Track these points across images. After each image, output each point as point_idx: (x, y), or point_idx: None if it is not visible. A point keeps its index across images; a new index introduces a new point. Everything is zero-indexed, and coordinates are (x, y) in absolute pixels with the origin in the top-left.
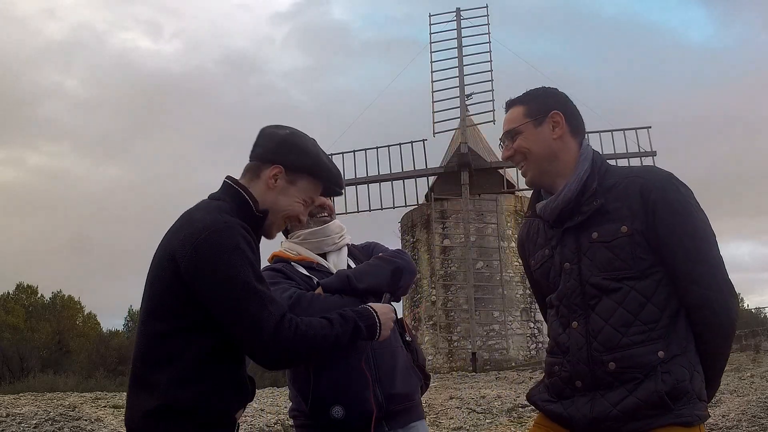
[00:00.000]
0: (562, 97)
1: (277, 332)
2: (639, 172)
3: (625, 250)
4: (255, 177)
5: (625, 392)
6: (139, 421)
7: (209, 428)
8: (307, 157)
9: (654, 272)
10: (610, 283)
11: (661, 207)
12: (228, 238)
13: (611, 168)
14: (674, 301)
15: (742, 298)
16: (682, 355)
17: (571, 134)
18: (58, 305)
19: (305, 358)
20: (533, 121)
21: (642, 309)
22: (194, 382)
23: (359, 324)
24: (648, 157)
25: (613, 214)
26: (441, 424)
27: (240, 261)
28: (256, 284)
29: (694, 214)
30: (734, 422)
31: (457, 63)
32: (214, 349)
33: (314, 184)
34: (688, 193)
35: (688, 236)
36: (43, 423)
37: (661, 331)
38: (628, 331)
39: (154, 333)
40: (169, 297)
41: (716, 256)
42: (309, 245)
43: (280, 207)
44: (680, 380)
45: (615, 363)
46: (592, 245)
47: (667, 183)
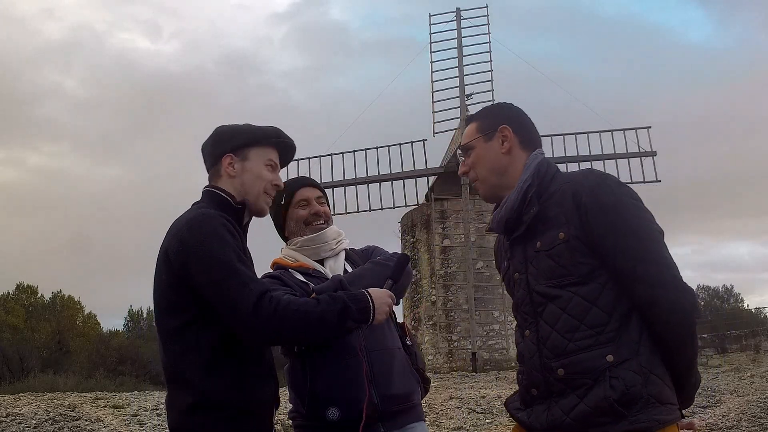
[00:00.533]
0: (514, 112)
1: (258, 308)
2: (574, 176)
3: (564, 256)
4: (217, 177)
5: (576, 399)
6: (179, 417)
7: (244, 418)
8: (241, 133)
9: (598, 276)
10: (553, 290)
11: (593, 209)
12: (207, 226)
13: (559, 175)
14: (623, 303)
15: (741, 299)
16: (633, 359)
17: (521, 147)
18: (58, 305)
19: (290, 334)
20: (484, 136)
21: (587, 313)
22: (217, 370)
23: (349, 304)
24: (648, 157)
25: (552, 221)
26: (441, 424)
27: (219, 244)
28: (237, 264)
29: (631, 212)
30: (734, 422)
31: (457, 63)
32: (226, 336)
33: (262, 148)
34: (623, 191)
35: (624, 235)
36: (43, 423)
37: (610, 335)
38: (574, 337)
39: (170, 329)
40: (172, 293)
41: (659, 252)
42: (306, 252)
43: (251, 185)
44: (631, 385)
45: (563, 369)
46: (537, 254)
47: (598, 185)
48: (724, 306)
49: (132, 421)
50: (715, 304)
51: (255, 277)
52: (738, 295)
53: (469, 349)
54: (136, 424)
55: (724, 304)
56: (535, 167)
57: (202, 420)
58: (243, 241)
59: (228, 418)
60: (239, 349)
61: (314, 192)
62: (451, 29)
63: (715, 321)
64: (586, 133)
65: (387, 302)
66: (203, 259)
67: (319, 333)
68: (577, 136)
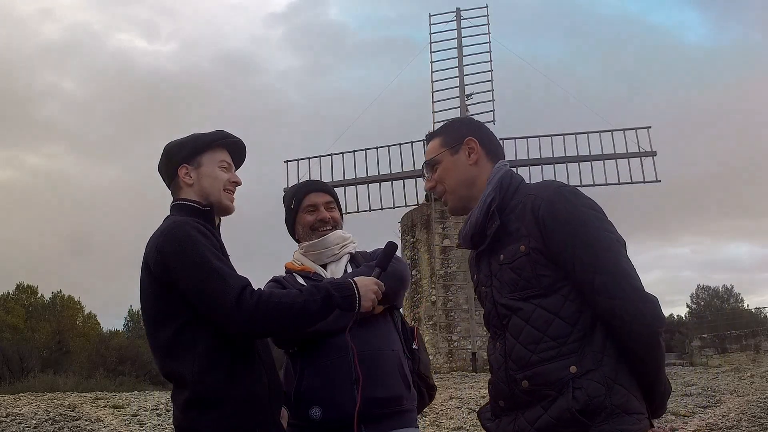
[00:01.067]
0: (477, 125)
1: (240, 302)
2: (533, 188)
3: (526, 269)
4: (179, 189)
5: (541, 410)
6: (180, 415)
7: (241, 413)
8: (187, 143)
9: (560, 287)
10: (516, 302)
11: (551, 221)
12: (181, 231)
13: (522, 186)
14: (586, 314)
15: (741, 299)
16: (596, 370)
17: (488, 158)
18: (58, 305)
19: (275, 325)
20: (449, 150)
21: (550, 325)
22: (211, 368)
23: (332, 293)
24: (648, 157)
25: (514, 235)
26: (441, 424)
27: (194, 246)
28: (214, 263)
29: (589, 223)
30: (734, 422)
31: (457, 63)
32: (218, 335)
33: (212, 152)
34: (582, 202)
35: (581, 247)
36: (43, 423)
37: (573, 346)
38: (537, 348)
39: (163, 339)
40: (158, 303)
41: (618, 263)
42: (310, 256)
43: (210, 188)
44: (593, 396)
45: (528, 381)
46: (501, 267)
47: (555, 196)
48: (724, 306)
49: (132, 421)
50: (715, 304)
51: (234, 273)
52: (738, 295)
53: (469, 349)
54: (136, 424)
55: (724, 304)
56: (497, 181)
57: (199, 415)
58: (218, 240)
59: (225, 414)
60: (232, 346)
61: (323, 197)
62: (451, 29)
63: (715, 321)
64: (586, 133)
65: (373, 290)
66: (182, 263)
67: (304, 322)
68: (577, 136)
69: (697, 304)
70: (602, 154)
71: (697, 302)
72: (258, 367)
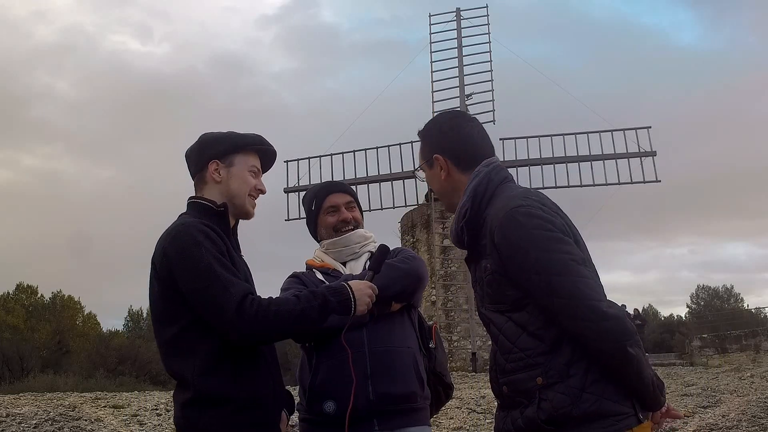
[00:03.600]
0: (444, 135)
1: (240, 310)
2: (494, 207)
3: (493, 286)
4: (203, 184)
5: (518, 414)
6: (180, 413)
7: (243, 413)
8: (224, 140)
9: (525, 304)
10: (492, 314)
11: (503, 247)
12: (186, 235)
13: (496, 195)
14: (553, 329)
15: (741, 299)
16: (562, 382)
17: (459, 170)
18: (58, 305)
19: (274, 333)
20: (426, 164)
21: (518, 338)
22: (214, 369)
23: (329, 298)
24: (648, 157)
25: (482, 249)
26: (441, 424)
27: (199, 252)
28: (217, 270)
29: (540, 246)
30: (734, 422)
31: (457, 63)
32: (221, 338)
33: (246, 154)
34: (534, 224)
35: (536, 272)
36: (43, 423)
37: (539, 359)
38: (509, 358)
39: (168, 337)
40: (163, 302)
41: (573, 286)
42: (331, 254)
43: (237, 190)
44: (559, 407)
45: (506, 387)
46: (479, 278)
47: (506, 220)
48: (724, 306)
49: (132, 421)
50: (715, 304)
51: (236, 281)
52: (738, 295)
53: (469, 349)
54: (136, 424)
55: (724, 304)
56: (471, 191)
57: (199, 415)
58: (229, 243)
59: (226, 414)
60: (235, 348)
61: (343, 198)
62: (451, 29)
63: (715, 321)
64: (586, 133)
65: (367, 293)
66: (185, 268)
67: (302, 328)
68: (577, 136)
69: (697, 304)
70: (602, 154)
71: (697, 302)
72: (262, 370)
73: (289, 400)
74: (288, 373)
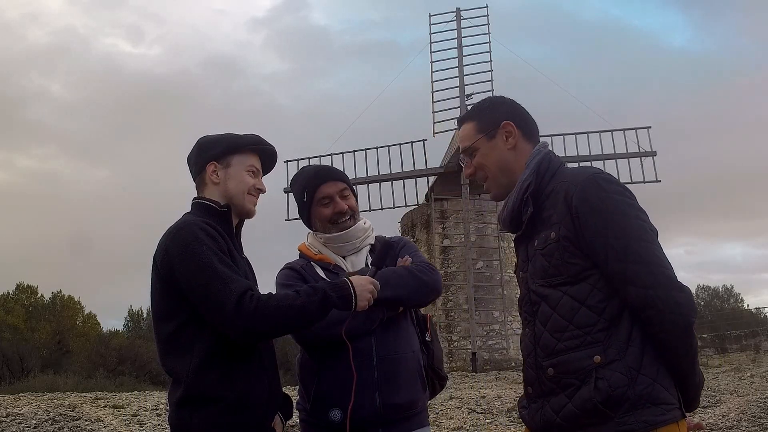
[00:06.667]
0: (511, 105)
1: (239, 307)
2: (568, 174)
3: (555, 256)
4: (203, 185)
5: (565, 399)
6: (173, 412)
7: (236, 412)
8: (221, 142)
9: (588, 276)
10: (545, 289)
11: (583, 209)
12: (187, 233)
13: (560, 171)
14: (614, 303)
15: (741, 299)
16: (620, 360)
17: (525, 140)
18: (58, 305)
19: (274, 329)
20: (486, 136)
21: (575, 313)
22: (209, 367)
23: (329, 294)
24: (648, 157)
25: (547, 221)
26: (441, 424)
27: (200, 249)
28: (217, 267)
29: (622, 211)
30: (734, 422)
31: (457, 63)
32: (219, 336)
33: (243, 155)
34: (615, 189)
35: (615, 236)
36: (43, 423)
37: (598, 335)
38: (562, 336)
39: (165, 334)
40: (164, 300)
41: (651, 252)
42: (331, 248)
43: (235, 190)
44: (616, 387)
45: (553, 368)
46: (535, 253)
47: (587, 184)
48: (724, 306)
49: (132, 421)
50: (715, 304)
51: (237, 277)
52: (738, 295)
53: (469, 349)
54: (136, 424)
55: (724, 304)
56: (535, 165)
57: (191, 414)
58: (230, 242)
59: (219, 412)
60: (230, 347)
61: (336, 186)
62: (451, 29)
63: (715, 321)
64: (586, 133)
65: (369, 289)
66: (185, 265)
67: (302, 325)
68: (577, 136)
69: (697, 304)
70: (602, 154)
71: (697, 302)
72: (257, 370)
73: (286, 404)
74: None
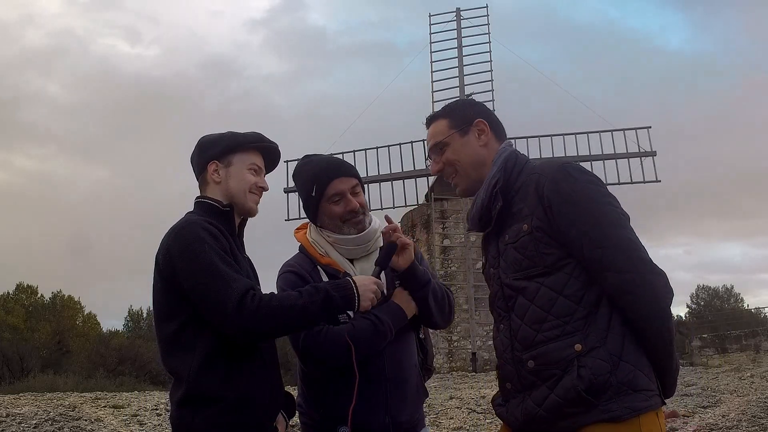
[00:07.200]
0: (483, 106)
1: (241, 307)
2: (538, 167)
3: (529, 248)
4: (205, 185)
5: (547, 390)
6: (175, 411)
7: (238, 412)
8: (221, 140)
9: (564, 265)
10: (521, 282)
11: (555, 199)
12: (189, 233)
13: (528, 167)
14: (592, 291)
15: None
16: (600, 347)
17: (497, 139)
18: (58, 305)
19: (275, 329)
20: (458, 132)
21: (553, 304)
22: (210, 367)
23: (332, 294)
24: (648, 157)
25: (517, 215)
26: (441, 424)
27: (201, 248)
28: (219, 266)
29: (593, 198)
30: (734, 422)
31: (457, 63)
32: (220, 335)
33: (244, 153)
34: (585, 178)
35: (587, 223)
36: (43, 423)
37: (578, 324)
38: (541, 328)
39: (167, 333)
40: (166, 299)
41: (625, 237)
42: (340, 249)
43: (236, 189)
44: (598, 374)
45: (533, 361)
46: (506, 248)
47: (558, 174)
48: (724, 306)
49: (132, 421)
50: (715, 304)
51: (238, 277)
52: (738, 295)
53: (469, 349)
54: (136, 424)
55: (724, 305)
56: (502, 162)
57: (193, 413)
58: (232, 241)
59: (218, 413)
60: (234, 347)
61: (349, 182)
62: (451, 29)
63: (715, 321)
64: (586, 133)
65: (372, 289)
66: (187, 264)
67: (304, 325)
68: (577, 136)
69: (697, 304)
70: (602, 154)
71: (697, 302)
72: (259, 370)
73: (288, 402)
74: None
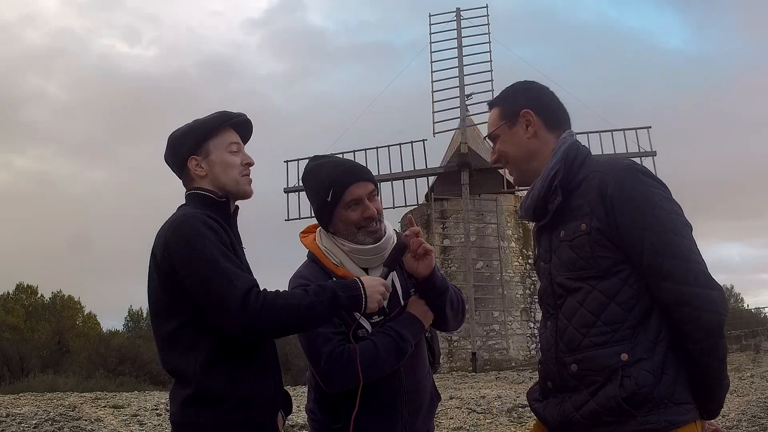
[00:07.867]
0: (535, 92)
1: (245, 304)
2: (601, 164)
3: (585, 249)
4: (191, 181)
5: (587, 396)
6: (178, 411)
7: (241, 412)
8: (190, 133)
9: (619, 270)
10: (573, 282)
11: (619, 201)
12: (189, 226)
13: (589, 161)
14: (644, 300)
15: (741, 299)
16: (648, 359)
17: (548, 129)
18: (58, 305)
19: (280, 327)
20: (507, 123)
21: (604, 309)
22: (214, 366)
23: (338, 294)
24: (648, 157)
25: (576, 211)
26: (441, 424)
27: (202, 243)
28: (221, 262)
29: (659, 204)
30: (734, 422)
31: (457, 63)
32: (223, 333)
33: (217, 137)
34: (651, 182)
35: (651, 230)
36: (43, 423)
37: (626, 333)
38: (589, 332)
39: (167, 332)
40: (165, 296)
41: (688, 248)
42: (356, 259)
43: (226, 177)
44: (642, 386)
45: (577, 365)
46: (560, 244)
47: (624, 175)
48: None
49: (132, 421)
50: None
51: (241, 273)
52: (738, 295)
53: (469, 349)
54: (136, 424)
55: None
56: (562, 153)
57: (198, 412)
58: (231, 233)
59: (224, 411)
60: (236, 346)
61: (366, 188)
62: (451, 29)
63: None
64: (586, 133)
65: (379, 290)
66: (188, 259)
67: (309, 325)
68: (577, 136)
69: None
70: (602, 154)
71: None
72: (262, 368)
73: (286, 401)
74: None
